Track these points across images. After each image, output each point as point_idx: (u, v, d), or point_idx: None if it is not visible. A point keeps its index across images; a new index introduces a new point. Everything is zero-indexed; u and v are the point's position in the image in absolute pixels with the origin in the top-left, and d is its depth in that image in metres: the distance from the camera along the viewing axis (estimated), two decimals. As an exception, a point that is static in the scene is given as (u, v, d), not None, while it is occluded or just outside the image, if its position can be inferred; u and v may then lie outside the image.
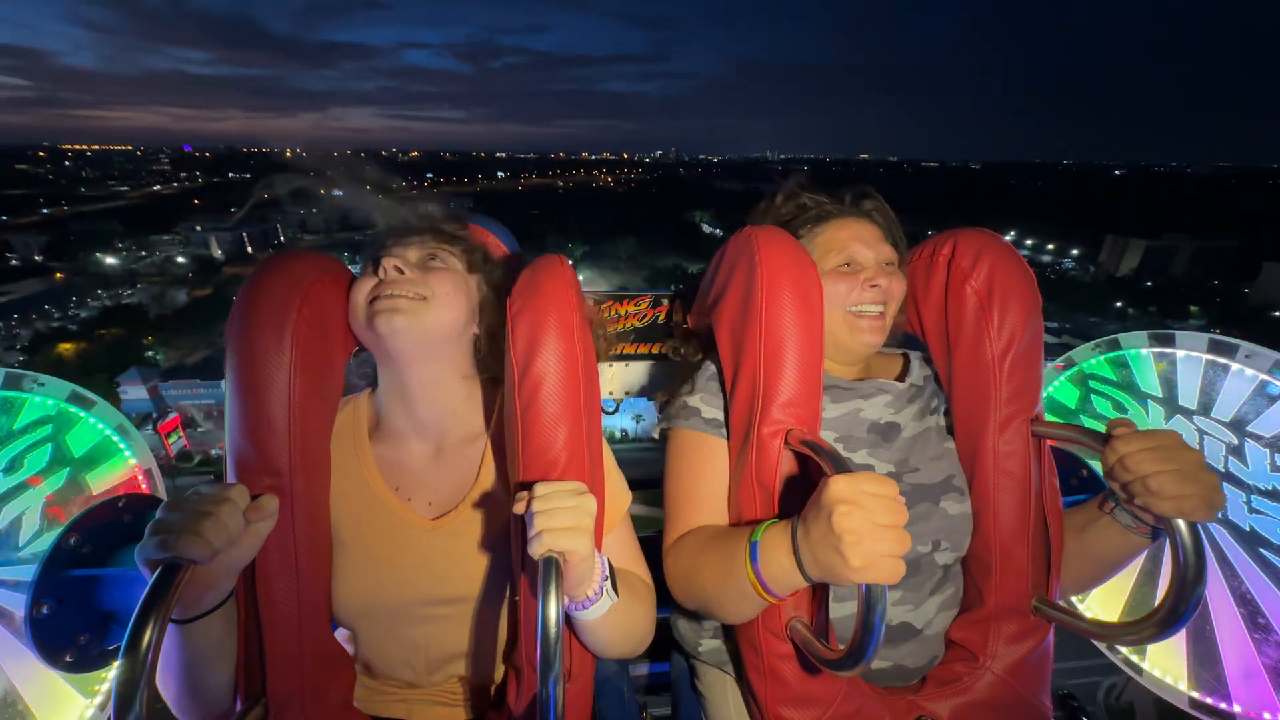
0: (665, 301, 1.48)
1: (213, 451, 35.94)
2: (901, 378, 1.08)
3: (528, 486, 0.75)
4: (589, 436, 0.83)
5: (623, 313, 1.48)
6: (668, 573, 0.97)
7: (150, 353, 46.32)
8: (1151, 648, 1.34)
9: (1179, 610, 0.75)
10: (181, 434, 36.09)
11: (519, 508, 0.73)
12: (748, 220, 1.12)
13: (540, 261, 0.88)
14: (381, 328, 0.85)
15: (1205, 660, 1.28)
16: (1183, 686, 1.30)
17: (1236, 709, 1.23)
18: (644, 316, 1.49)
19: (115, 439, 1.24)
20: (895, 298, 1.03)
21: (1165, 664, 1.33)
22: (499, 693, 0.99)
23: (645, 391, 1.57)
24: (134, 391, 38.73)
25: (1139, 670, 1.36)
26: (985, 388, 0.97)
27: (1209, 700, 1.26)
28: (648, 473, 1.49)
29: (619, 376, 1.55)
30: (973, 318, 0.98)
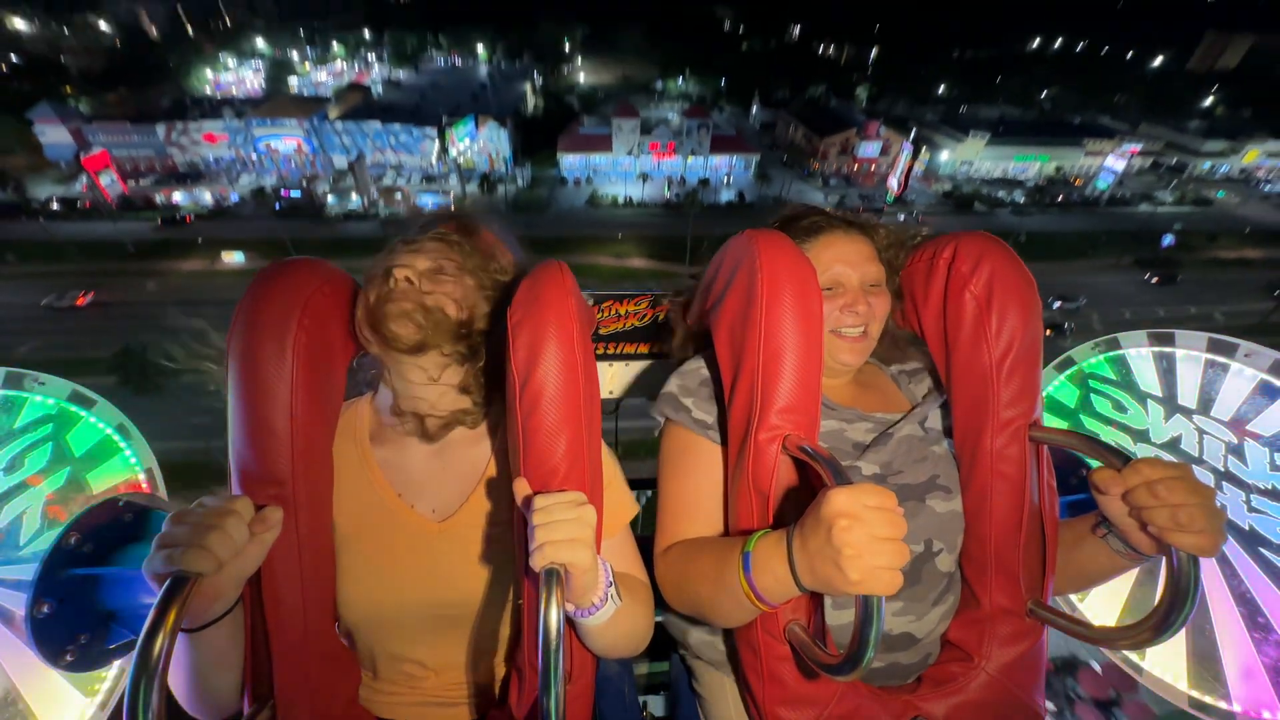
0: (665, 301, 1.48)
1: (156, 198, 35.02)
2: (892, 408, 1.09)
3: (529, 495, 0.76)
4: (589, 445, 0.84)
5: (623, 312, 1.49)
6: (660, 579, 0.98)
7: (71, 101, 43.24)
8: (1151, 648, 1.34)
9: (1172, 618, 0.75)
10: (117, 177, 34.72)
11: (519, 498, 0.76)
12: None
13: (540, 270, 0.89)
14: (391, 335, 0.87)
15: (1205, 660, 1.28)
16: (1183, 686, 1.30)
17: (1236, 709, 1.23)
18: (644, 316, 1.50)
19: (116, 438, 1.24)
20: (878, 318, 1.05)
21: (1165, 664, 1.33)
22: (501, 693, 0.99)
23: (645, 391, 1.57)
24: (53, 133, 35.77)
25: (1139, 670, 1.36)
26: (983, 392, 0.97)
27: (1209, 700, 1.26)
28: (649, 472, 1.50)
29: (619, 376, 1.55)
30: (971, 322, 0.98)
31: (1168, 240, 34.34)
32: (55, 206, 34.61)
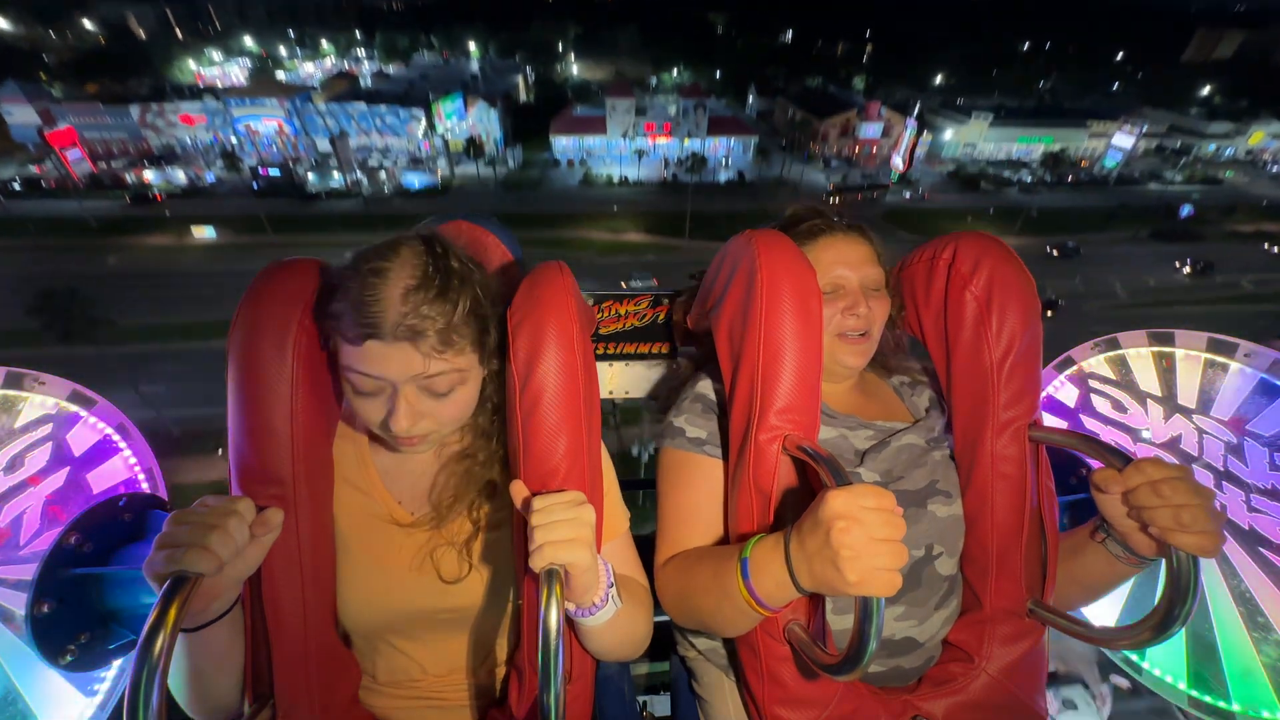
0: (665, 301, 1.48)
1: (127, 177, 33.92)
2: (892, 417, 1.09)
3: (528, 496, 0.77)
4: (589, 445, 0.84)
5: (623, 312, 1.48)
6: (660, 593, 0.98)
7: (44, 86, 41.89)
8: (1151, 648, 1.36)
9: (1172, 618, 0.75)
10: (84, 154, 33.58)
11: (518, 499, 0.76)
12: None
13: (540, 270, 0.89)
14: (406, 453, 0.90)
15: (1205, 660, 1.28)
16: (1183, 686, 1.31)
17: (1236, 709, 1.23)
18: (644, 316, 1.49)
19: (116, 438, 1.24)
20: (878, 321, 1.05)
21: (1165, 664, 1.34)
22: (501, 693, 1.00)
23: (645, 392, 1.57)
24: (20, 113, 34.16)
25: (1139, 670, 1.37)
26: (983, 392, 0.97)
27: (1209, 700, 1.27)
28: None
29: (619, 376, 1.55)
30: (971, 323, 0.99)
31: (1186, 210, 34.27)
32: (16, 186, 33.47)
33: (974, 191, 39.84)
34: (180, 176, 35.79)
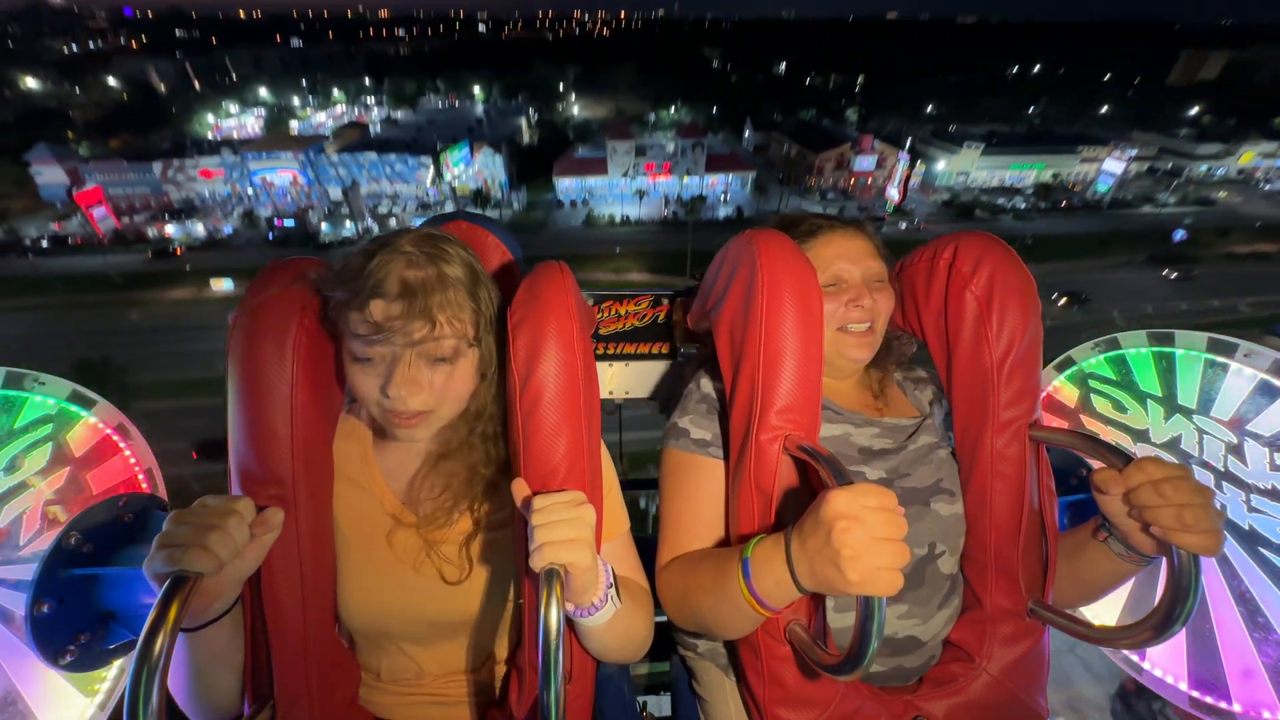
0: (665, 301, 1.48)
1: (149, 232, 35.53)
2: (899, 413, 1.09)
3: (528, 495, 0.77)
4: (589, 445, 0.84)
5: (623, 312, 1.49)
6: (661, 596, 0.97)
7: (72, 146, 43.82)
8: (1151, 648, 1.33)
9: (1173, 618, 0.75)
10: (109, 211, 35.27)
11: (518, 499, 0.76)
12: None
13: (540, 270, 0.88)
14: (403, 439, 0.89)
15: (1205, 660, 1.27)
16: (1183, 686, 1.30)
17: (1236, 709, 1.22)
18: (644, 316, 1.50)
19: (115, 438, 1.24)
20: (882, 314, 1.05)
21: (1165, 663, 1.33)
22: (501, 693, 0.99)
23: (645, 392, 1.57)
24: (50, 173, 36.22)
25: (1139, 670, 1.36)
26: (984, 392, 0.97)
27: (1209, 700, 1.26)
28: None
29: (619, 376, 1.55)
30: (972, 323, 0.98)
31: (1179, 235, 34.56)
32: (45, 244, 34.79)
33: (969, 219, 40.24)
34: (199, 229, 37.01)
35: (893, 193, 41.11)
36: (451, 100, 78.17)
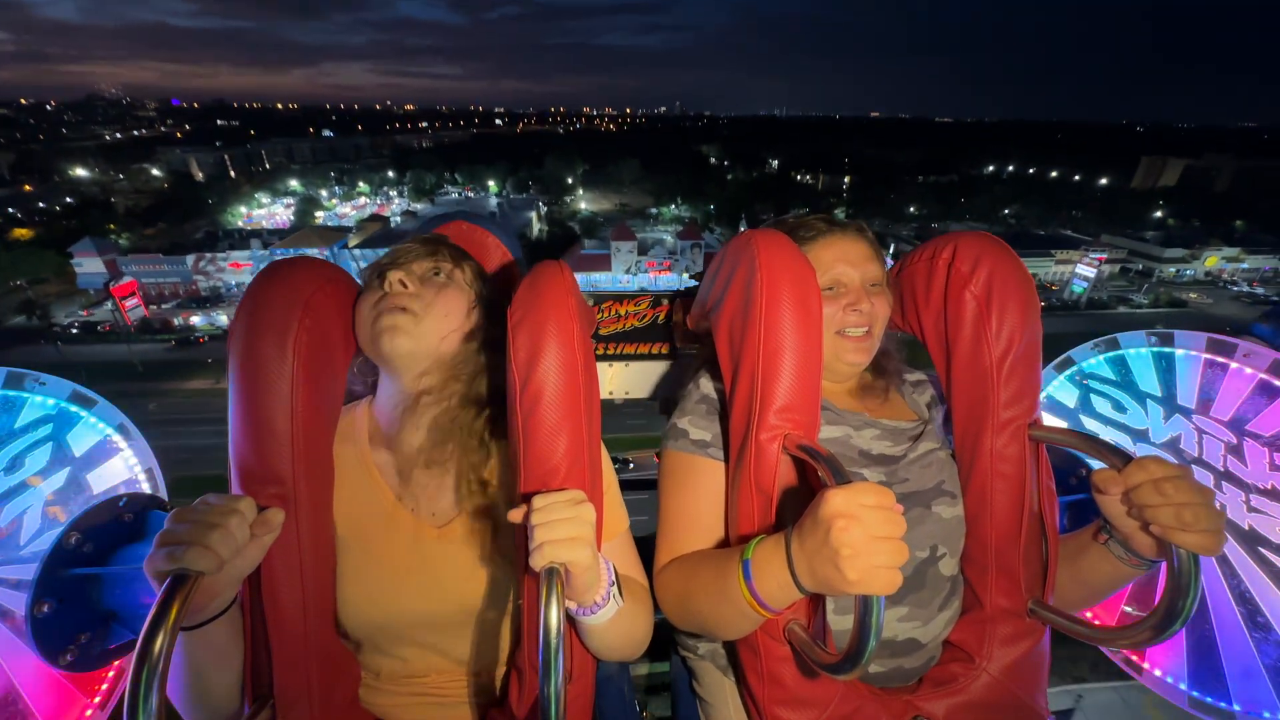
0: (665, 301, 1.49)
1: (175, 321, 36.80)
2: (898, 415, 1.10)
3: (528, 495, 0.77)
4: (589, 445, 0.84)
5: (623, 313, 1.49)
6: (660, 597, 0.97)
7: (113, 237, 45.30)
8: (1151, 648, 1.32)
9: (1173, 618, 0.75)
10: (139, 301, 36.69)
11: (515, 515, 0.76)
12: None
13: (540, 269, 0.89)
14: (385, 349, 0.88)
15: (1205, 660, 1.27)
16: (1183, 686, 1.29)
17: (1236, 709, 1.22)
18: (644, 316, 1.50)
19: (116, 438, 1.24)
20: (880, 318, 1.05)
21: (1165, 663, 1.32)
22: (501, 692, 0.98)
23: (645, 392, 1.57)
24: (90, 264, 37.75)
25: (1139, 670, 1.35)
26: (983, 392, 0.97)
27: (1209, 700, 1.26)
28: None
29: (619, 376, 1.55)
30: (971, 322, 0.98)
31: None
32: (74, 330, 35.66)
33: None
34: (223, 319, 37.87)
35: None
36: (468, 192, 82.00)
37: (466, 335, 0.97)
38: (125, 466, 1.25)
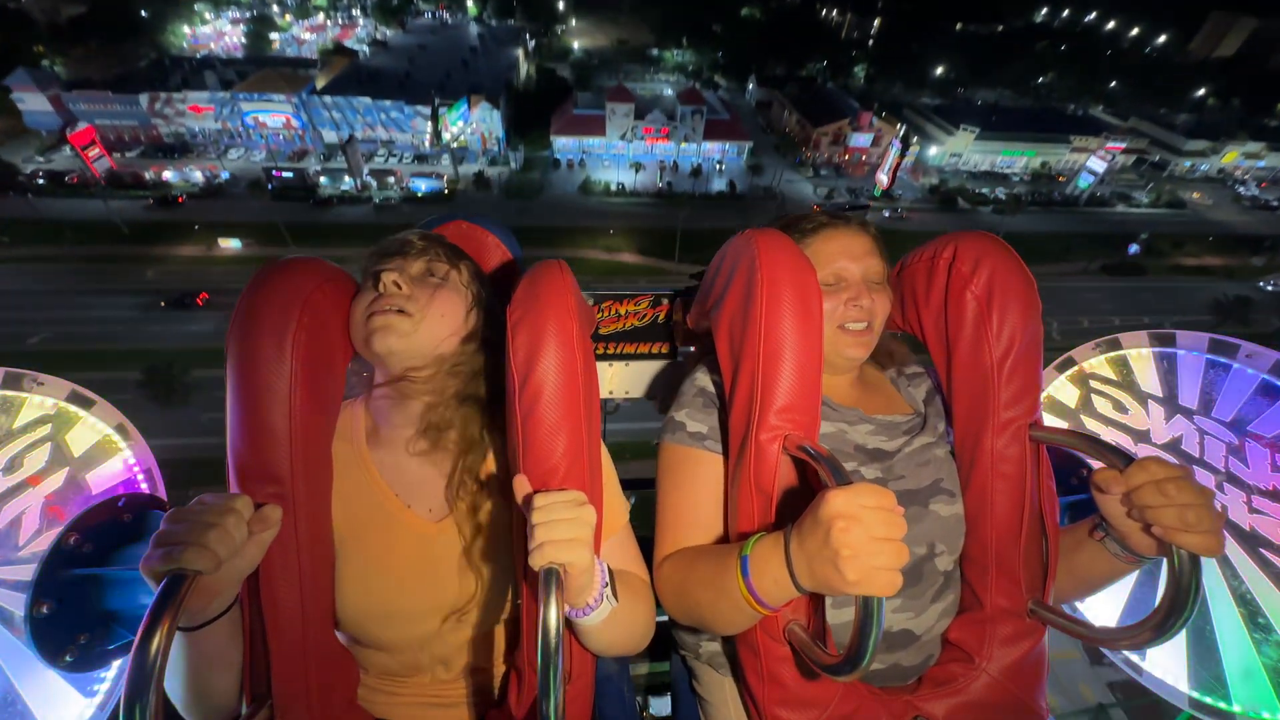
0: (665, 301, 1.48)
1: (145, 175, 34.66)
2: (893, 410, 1.09)
3: (528, 495, 0.76)
4: (589, 444, 0.84)
5: (623, 312, 1.48)
6: (658, 590, 0.98)
7: (45, 62, 42.26)
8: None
9: (1173, 619, 0.75)
10: (102, 150, 34.47)
11: (518, 486, 0.78)
12: None
13: (539, 268, 0.88)
14: (378, 348, 0.88)
15: (1205, 660, 1.28)
16: (1183, 686, 1.30)
17: (1236, 709, 1.23)
18: (644, 316, 1.49)
19: (115, 438, 1.23)
20: (880, 314, 1.05)
21: (1165, 664, 1.33)
22: (501, 693, 0.99)
23: (645, 392, 1.57)
24: (32, 100, 35.29)
25: (1139, 670, 1.37)
26: (984, 392, 0.97)
27: (1209, 700, 1.27)
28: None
29: (619, 376, 1.55)
30: (972, 323, 0.98)
31: (1133, 249, 35.10)
32: (41, 180, 33.71)
33: (951, 210, 40.05)
34: (197, 175, 36.13)
35: (882, 178, 40.52)
36: (441, 8, 72.48)
37: (465, 337, 0.96)
38: (124, 466, 1.24)
